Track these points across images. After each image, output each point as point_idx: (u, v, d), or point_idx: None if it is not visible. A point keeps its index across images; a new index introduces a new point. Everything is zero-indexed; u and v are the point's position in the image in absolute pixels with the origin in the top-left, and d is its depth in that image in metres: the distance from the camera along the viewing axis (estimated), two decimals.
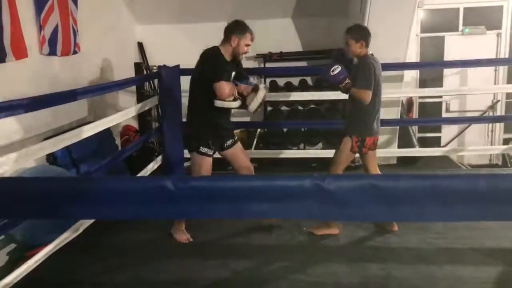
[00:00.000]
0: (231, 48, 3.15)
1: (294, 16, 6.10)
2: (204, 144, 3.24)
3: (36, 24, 3.80)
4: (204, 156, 3.25)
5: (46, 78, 3.91)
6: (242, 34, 3.13)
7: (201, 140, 3.25)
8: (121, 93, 5.42)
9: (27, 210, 1.43)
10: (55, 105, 3.35)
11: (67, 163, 3.95)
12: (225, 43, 3.18)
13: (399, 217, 1.41)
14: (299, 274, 2.90)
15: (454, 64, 5.85)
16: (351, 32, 3.30)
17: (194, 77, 3.27)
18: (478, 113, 6.31)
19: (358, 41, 3.26)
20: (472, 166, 6.16)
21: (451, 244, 3.23)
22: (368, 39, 3.28)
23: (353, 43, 3.27)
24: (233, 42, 3.13)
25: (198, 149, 3.24)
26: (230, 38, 3.14)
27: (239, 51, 3.17)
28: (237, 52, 3.17)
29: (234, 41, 3.13)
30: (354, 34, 3.28)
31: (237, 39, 3.12)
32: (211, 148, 3.27)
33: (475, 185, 1.27)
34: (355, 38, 3.26)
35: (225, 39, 3.18)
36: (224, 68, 3.14)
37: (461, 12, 6.17)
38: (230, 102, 3.17)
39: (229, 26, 3.20)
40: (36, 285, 2.80)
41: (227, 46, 3.17)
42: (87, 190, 1.39)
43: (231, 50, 3.16)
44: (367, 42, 3.28)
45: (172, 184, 1.30)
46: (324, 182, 1.26)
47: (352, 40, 3.27)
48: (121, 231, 3.56)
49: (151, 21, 6.06)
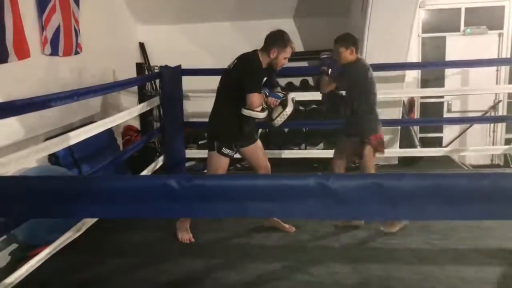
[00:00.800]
0: (268, 59, 3.10)
1: (296, 16, 6.10)
2: (227, 145, 3.20)
3: (38, 25, 3.81)
4: (225, 157, 3.22)
5: (48, 78, 3.92)
6: (283, 48, 3.07)
7: (225, 142, 3.20)
8: (123, 93, 5.43)
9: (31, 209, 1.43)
10: (57, 106, 3.36)
11: (69, 163, 3.96)
12: (264, 52, 3.11)
13: (402, 215, 1.41)
14: (300, 274, 2.90)
15: (455, 64, 5.85)
16: (339, 41, 3.41)
17: (229, 79, 3.20)
18: (479, 113, 6.30)
19: (348, 48, 3.37)
20: (473, 166, 6.15)
21: (453, 244, 3.23)
22: (357, 45, 3.43)
23: (344, 50, 3.38)
24: (272, 54, 3.07)
25: (220, 149, 3.19)
26: (269, 50, 3.07)
27: (278, 63, 3.12)
28: (274, 63, 3.12)
29: (274, 53, 3.07)
30: (343, 43, 3.39)
31: (277, 52, 3.07)
32: (233, 150, 3.23)
33: (478, 184, 1.27)
34: (344, 46, 3.37)
35: (265, 48, 3.11)
36: (262, 78, 3.11)
37: (463, 12, 6.16)
38: (258, 112, 3.11)
39: (271, 37, 3.12)
40: (39, 285, 2.80)
41: (265, 55, 3.10)
42: (92, 189, 1.39)
43: (269, 60, 3.11)
44: (357, 47, 3.42)
45: (176, 183, 1.30)
46: (328, 181, 1.26)
47: (342, 48, 3.38)
48: (123, 231, 3.56)
49: (153, 22, 6.07)
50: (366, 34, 4.96)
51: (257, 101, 3.06)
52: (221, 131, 3.24)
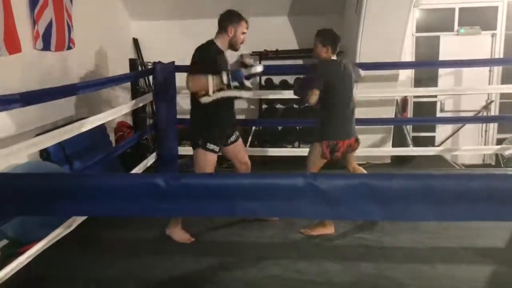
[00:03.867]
0: (228, 38, 3.11)
1: (290, 14, 6.09)
2: (211, 140, 3.19)
3: (30, 19, 3.78)
4: (211, 152, 3.20)
5: (39, 73, 3.89)
6: (238, 23, 3.11)
7: (208, 137, 3.19)
8: (116, 89, 5.40)
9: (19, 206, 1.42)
10: (48, 101, 3.33)
11: (61, 159, 3.93)
12: (222, 34, 3.13)
13: (391, 216, 1.41)
14: (291, 272, 2.90)
15: (449, 64, 5.87)
16: (319, 36, 3.37)
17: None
18: (472, 113, 6.34)
19: (325, 45, 3.33)
20: (465, 165, 6.18)
21: (444, 243, 3.25)
22: (335, 46, 3.35)
23: (320, 46, 3.35)
24: (230, 32, 3.10)
25: (205, 145, 3.17)
26: (227, 29, 3.09)
27: (237, 40, 3.14)
28: (235, 41, 3.14)
29: (232, 30, 3.10)
30: (321, 38, 3.35)
31: (234, 29, 3.10)
32: (217, 145, 3.22)
33: (468, 185, 1.27)
34: (322, 42, 3.34)
35: (222, 29, 3.13)
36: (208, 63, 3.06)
37: (457, 12, 6.19)
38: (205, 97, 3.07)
39: (223, 17, 3.16)
40: (29, 281, 2.78)
41: (224, 37, 3.12)
42: (79, 187, 1.38)
43: (229, 40, 3.13)
44: (334, 48, 3.35)
45: (164, 182, 1.29)
46: (317, 181, 1.26)
47: (319, 43, 3.35)
48: (114, 228, 3.55)
49: (146, 17, 6.03)
50: (360, 33, 4.97)
51: (192, 84, 3.01)
52: (202, 127, 3.21)
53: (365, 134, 5.53)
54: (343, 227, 3.52)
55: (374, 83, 5.16)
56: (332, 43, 3.34)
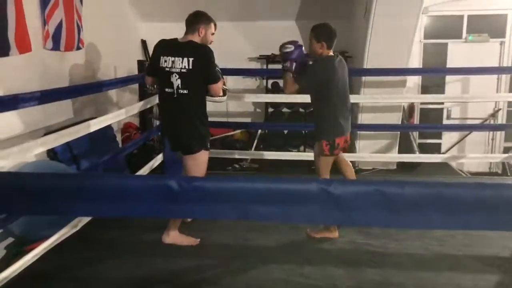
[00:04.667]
0: (199, 38, 3.11)
1: (298, 19, 6.10)
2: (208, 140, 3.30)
3: (40, 19, 3.80)
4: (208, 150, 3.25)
5: (48, 72, 3.91)
6: (207, 24, 3.13)
7: (208, 136, 3.28)
8: (124, 90, 5.41)
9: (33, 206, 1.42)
10: (56, 101, 3.35)
11: (68, 159, 3.95)
12: (192, 35, 3.11)
13: (403, 224, 1.40)
14: (295, 276, 2.89)
15: (456, 71, 5.86)
16: (313, 31, 3.26)
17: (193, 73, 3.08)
18: (479, 120, 6.32)
19: (319, 41, 3.21)
20: (471, 173, 6.16)
21: (450, 251, 3.23)
22: (330, 42, 3.21)
23: (314, 42, 3.23)
24: (200, 33, 3.10)
25: (207, 145, 3.23)
26: (198, 30, 3.09)
27: (207, 41, 3.15)
28: (205, 42, 3.13)
29: (202, 32, 3.10)
30: (316, 34, 3.23)
31: (204, 30, 3.11)
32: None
33: (481, 194, 1.27)
34: (316, 38, 3.22)
35: (192, 30, 3.11)
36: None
37: (465, 20, 6.18)
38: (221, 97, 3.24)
39: (193, 18, 3.14)
40: (34, 280, 2.78)
41: (195, 37, 3.10)
42: (90, 187, 1.38)
43: (199, 41, 3.11)
44: (329, 44, 3.22)
45: (177, 184, 1.29)
46: (330, 187, 1.26)
47: (313, 39, 3.24)
48: (119, 229, 3.55)
49: (155, 19, 6.06)
50: (368, 38, 4.97)
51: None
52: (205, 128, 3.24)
53: (371, 139, 5.53)
54: (349, 232, 3.51)
55: (381, 89, 5.16)
56: (327, 38, 3.20)
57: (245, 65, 6.12)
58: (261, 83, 6.39)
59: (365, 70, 5.15)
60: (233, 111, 6.41)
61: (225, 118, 6.32)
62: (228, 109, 6.37)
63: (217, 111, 6.25)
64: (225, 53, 5.89)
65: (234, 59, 5.70)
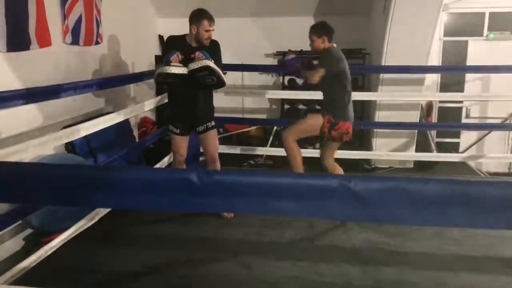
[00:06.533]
0: (193, 35, 3.46)
1: (316, 15, 6.05)
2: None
3: (60, 14, 3.84)
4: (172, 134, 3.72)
5: (68, 67, 3.95)
6: (198, 22, 3.42)
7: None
8: (141, 85, 5.44)
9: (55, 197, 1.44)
10: (76, 95, 3.39)
11: (85, 152, 3.99)
12: (190, 31, 3.49)
13: (425, 221, 1.38)
14: (311, 273, 2.88)
15: (476, 69, 5.76)
16: (313, 30, 3.56)
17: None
18: (499, 120, 6.20)
19: (320, 36, 3.52)
20: (490, 173, 6.06)
21: (468, 251, 3.18)
22: (330, 35, 3.52)
23: (316, 39, 3.54)
24: (193, 31, 3.45)
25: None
26: (190, 28, 3.47)
27: (201, 36, 3.44)
28: (199, 38, 3.45)
29: (194, 29, 3.44)
30: (316, 31, 3.54)
31: (196, 28, 3.43)
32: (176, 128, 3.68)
33: (506, 193, 1.24)
34: (317, 34, 3.53)
35: (189, 28, 3.48)
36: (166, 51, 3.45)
37: (487, 17, 6.06)
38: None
39: (189, 16, 3.50)
40: (51, 271, 2.82)
41: (191, 33, 3.48)
42: (112, 179, 1.39)
43: (194, 36, 3.46)
44: (329, 37, 3.52)
45: (197, 177, 1.30)
46: (351, 183, 1.25)
47: (315, 36, 3.54)
48: (136, 222, 3.58)
49: (172, 15, 6.06)
50: (387, 35, 4.91)
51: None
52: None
53: (389, 138, 5.47)
54: (364, 230, 3.49)
55: (399, 87, 5.10)
56: (327, 33, 3.52)
57: (261, 61, 6.10)
58: (277, 80, 6.37)
59: (383, 67, 5.09)
60: (249, 107, 6.40)
61: (240, 114, 6.31)
62: (244, 106, 6.37)
63: (233, 107, 6.27)
64: (242, 49, 5.90)
65: (251, 55, 5.68)
